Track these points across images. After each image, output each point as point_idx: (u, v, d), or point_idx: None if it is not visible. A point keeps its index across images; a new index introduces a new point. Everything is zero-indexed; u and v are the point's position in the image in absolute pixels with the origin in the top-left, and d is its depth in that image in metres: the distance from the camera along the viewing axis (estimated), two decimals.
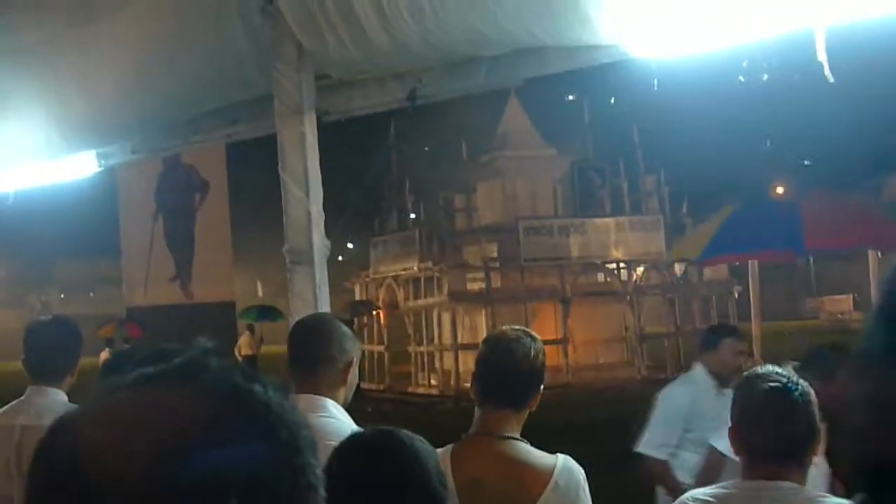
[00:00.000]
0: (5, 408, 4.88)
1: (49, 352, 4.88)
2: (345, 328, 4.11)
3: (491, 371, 3.57)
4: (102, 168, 6.46)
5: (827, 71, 3.79)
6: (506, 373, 3.53)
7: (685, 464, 6.43)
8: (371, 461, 2.54)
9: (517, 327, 3.75)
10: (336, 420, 3.77)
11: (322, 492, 1.00)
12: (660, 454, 6.63)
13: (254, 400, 0.97)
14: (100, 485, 0.91)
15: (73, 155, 6.32)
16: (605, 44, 4.29)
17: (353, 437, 2.68)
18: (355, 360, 4.04)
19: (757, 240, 12.99)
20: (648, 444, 6.72)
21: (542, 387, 3.61)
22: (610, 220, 31.67)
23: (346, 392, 4.00)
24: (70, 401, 4.66)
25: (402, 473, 2.52)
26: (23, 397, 4.83)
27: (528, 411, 3.60)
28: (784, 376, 3.16)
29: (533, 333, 3.68)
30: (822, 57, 3.88)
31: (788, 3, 3.81)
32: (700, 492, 3.25)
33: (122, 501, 0.90)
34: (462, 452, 3.55)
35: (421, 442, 2.62)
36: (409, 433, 2.63)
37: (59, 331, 5.04)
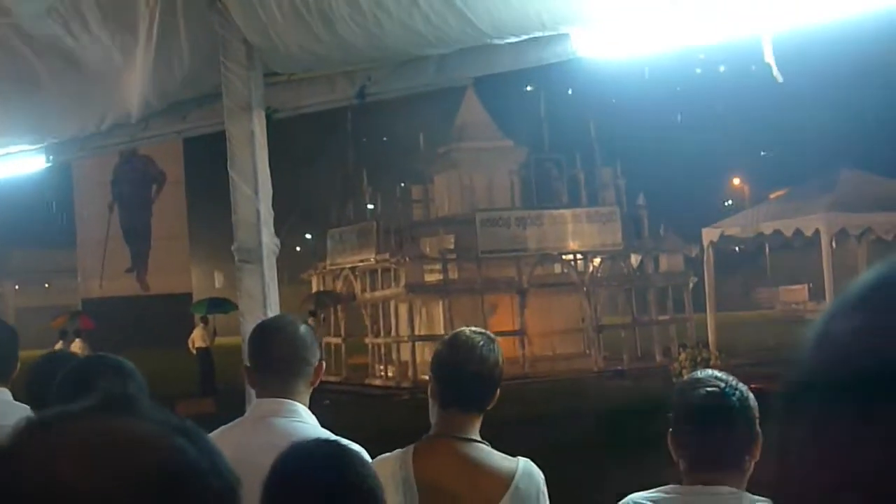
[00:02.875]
0: None
1: None
2: (309, 330, 4.08)
3: (455, 375, 3.56)
4: (51, 164, 6.39)
5: (776, 72, 3.81)
6: (471, 378, 3.54)
7: None
8: (314, 468, 2.60)
9: (477, 329, 3.72)
10: (309, 425, 3.75)
11: None
12: None
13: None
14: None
15: (18, 148, 6.26)
16: (554, 43, 4.31)
17: (295, 447, 2.70)
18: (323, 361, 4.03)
19: None
20: None
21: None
22: (566, 212, 31.72)
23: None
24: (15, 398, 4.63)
25: (344, 479, 2.59)
26: None
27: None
28: (722, 380, 3.16)
29: (491, 335, 3.68)
30: (769, 59, 3.91)
31: (736, 8, 3.83)
32: (640, 496, 3.26)
33: None
34: (424, 453, 3.56)
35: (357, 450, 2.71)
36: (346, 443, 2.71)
37: None
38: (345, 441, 2.95)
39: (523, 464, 3.56)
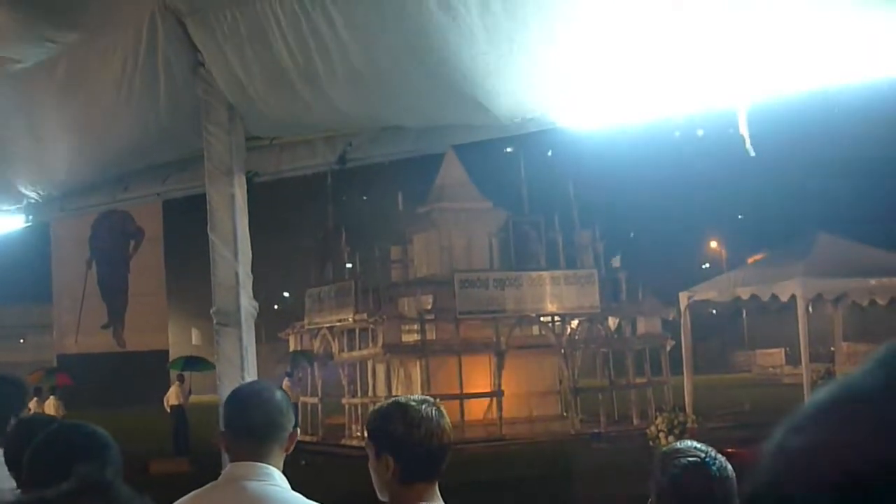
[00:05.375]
0: None
1: None
2: (285, 396, 4.08)
3: (417, 453, 3.51)
4: (30, 223, 6.40)
5: (748, 145, 3.86)
6: (435, 453, 3.51)
7: None
8: None
9: (418, 398, 3.64)
10: (281, 489, 3.75)
11: None
12: None
13: None
14: None
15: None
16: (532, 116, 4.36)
17: None
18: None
19: None
20: None
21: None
22: (545, 274, 31.75)
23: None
24: None
25: None
26: None
27: None
28: (702, 451, 3.19)
29: (431, 399, 3.62)
30: (743, 131, 3.96)
31: (713, 79, 3.89)
32: None
33: None
34: None
35: None
36: None
37: None
38: None
39: None
